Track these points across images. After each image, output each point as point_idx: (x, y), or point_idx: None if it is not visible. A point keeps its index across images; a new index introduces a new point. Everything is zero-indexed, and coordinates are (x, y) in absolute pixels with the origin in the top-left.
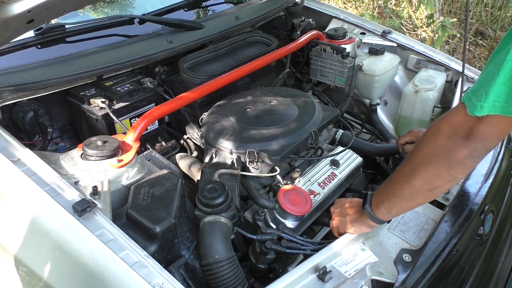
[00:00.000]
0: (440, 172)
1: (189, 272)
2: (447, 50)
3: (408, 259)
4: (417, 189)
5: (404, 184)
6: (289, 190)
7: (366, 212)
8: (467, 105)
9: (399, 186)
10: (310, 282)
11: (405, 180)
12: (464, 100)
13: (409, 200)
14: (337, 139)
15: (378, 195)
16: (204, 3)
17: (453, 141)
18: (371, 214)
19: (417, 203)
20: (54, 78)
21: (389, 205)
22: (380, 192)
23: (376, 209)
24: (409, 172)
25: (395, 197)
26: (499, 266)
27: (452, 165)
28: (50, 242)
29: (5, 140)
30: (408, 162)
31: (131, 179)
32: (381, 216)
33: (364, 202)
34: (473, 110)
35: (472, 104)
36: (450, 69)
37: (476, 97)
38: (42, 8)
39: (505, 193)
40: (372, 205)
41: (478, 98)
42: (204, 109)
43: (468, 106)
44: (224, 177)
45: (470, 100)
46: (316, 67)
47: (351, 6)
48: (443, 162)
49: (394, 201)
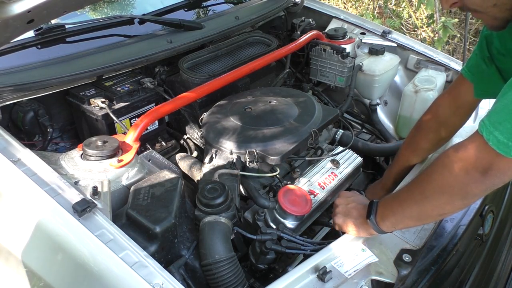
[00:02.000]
0: (453, 202)
1: (189, 272)
2: (447, 50)
3: (408, 259)
4: (427, 213)
5: (413, 207)
6: (289, 190)
7: (370, 223)
8: (490, 141)
9: (407, 207)
10: (310, 282)
11: (414, 203)
12: (484, 133)
13: (417, 220)
14: (337, 139)
15: (384, 209)
16: (204, 3)
17: (470, 176)
18: (376, 226)
19: (424, 223)
20: (54, 78)
21: (395, 221)
22: (387, 206)
23: (381, 222)
24: (419, 198)
25: (403, 216)
26: (499, 266)
27: (467, 197)
28: (50, 242)
29: (5, 140)
30: (418, 187)
31: (131, 179)
32: (385, 228)
33: (369, 212)
34: (508, 151)
35: (501, 143)
36: (450, 69)
37: (502, 133)
38: (42, 8)
39: (505, 193)
40: (377, 216)
41: (508, 136)
42: (204, 109)
43: (495, 144)
44: (224, 177)
45: (491, 133)
46: (316, 67)
47: (351, 6)
48: (457, 194)
49: (401, 219)
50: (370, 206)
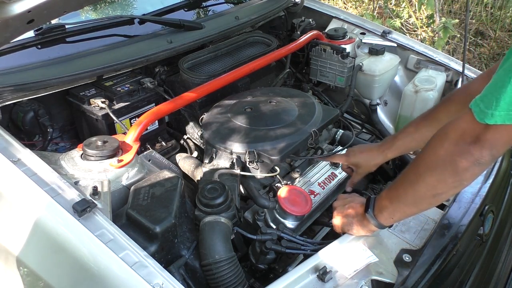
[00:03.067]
0: (445, 179)
1: (189, 272)
2: (447, 50)
3: (408, 259)
4: (421, 195)
5: (408, 190)
6: (289, 190)
7: (368, 216)
8: (475, 112)
9: (402, 192)
10: (310, 282)
11: (409, 185)
12: (472, 106)
13: (412, 206)
14: (337, 139)
15: (381, 200)
16: (204, 3)
17: (459, 148)
18: (374, 219)
19: (420, 209)
20: (54, 78)
21: (392, 210)
22: (384, 197)
23: (379, 214)
24: (413, 178)
25: (398, 202)
26: (499, 266)
27: (458, 171)
28: (50, 242)
29: (5, 140)
30: (412, 168)
31: (131, 179)
32: (383, 221)
33: (367, 207)
34: (483, 117)
35: (481, 111)
36: (450, 69)
37: (485, 104)
38: (42, 8)
39: (505, 193)
40: (375, 209)
41: (488, 106)
42: (204, 109)
43: (477, 113)
44: (224, 177)
45: (477, 106)
46: (316, 67)
47: (351, 6)
48: (448, 168)
49: (397, 206)
50: (367, 202)
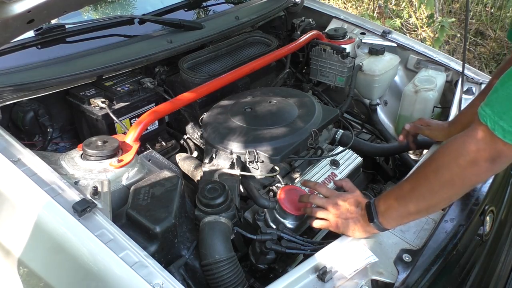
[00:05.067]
0: (460, 193)
1: (189, 272)
2: (447, 50)
3: (408, 259)
4: (434, 209)
5: (420, 203)
6: (289, 190)
7: (375, 226)
8: (496, 131)
9: (414, 204)
10: (310, 282)
11: (422, 199)
12: (488, 123)
13: (425, 214)
14: (337, 139)
15: (387, 208)
16: (204, 3)
17: (480, 167)
18: (379, 225)
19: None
20: (54, 78)
21: (400, 219)
22: (390, 206)
23: (384, 222)
24: (428, 195)
25: (408, 213)
26: (499, 266)
27: (472, 185)
28: (50, 242)
29: (5, 140)
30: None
31: (131, 179)
32: (389, 227)
33: (371, 214)
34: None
35: (505, 131)
36: (450, 69)
37: (506, 121)
38: (42, 8)
39: (505, 193)
40: (379, 216)
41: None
42: (204, 109)
43: (500, 132)
44: (224, 177)
45: (496, 123)
46: (316, 67)
47: (351, 6)
48: (468, 185)
49: (406, 216)
50: (368, 208)
